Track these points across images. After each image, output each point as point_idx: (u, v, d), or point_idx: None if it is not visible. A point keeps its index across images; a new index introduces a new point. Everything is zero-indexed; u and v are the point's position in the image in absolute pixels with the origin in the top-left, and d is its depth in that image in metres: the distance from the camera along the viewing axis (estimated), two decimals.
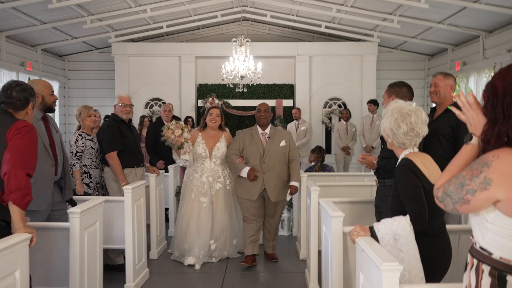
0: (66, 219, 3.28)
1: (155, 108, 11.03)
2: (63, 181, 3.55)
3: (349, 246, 2.78)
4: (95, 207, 3.19)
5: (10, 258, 2.22)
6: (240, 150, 4.83)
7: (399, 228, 2.16)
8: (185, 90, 11.08)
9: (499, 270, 1.44)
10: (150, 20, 9.93)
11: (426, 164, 2.31)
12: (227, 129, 5.27)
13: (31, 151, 2.64)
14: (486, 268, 1.48)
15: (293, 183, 4.75)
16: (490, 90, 1.49)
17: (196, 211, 4.88)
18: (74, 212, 2.90)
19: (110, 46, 10.92)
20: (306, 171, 6.46)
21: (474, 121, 1.59)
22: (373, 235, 2.22)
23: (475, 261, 1.53)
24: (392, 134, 2.34)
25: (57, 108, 3.82)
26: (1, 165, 2.54)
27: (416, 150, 2.38)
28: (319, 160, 6.77)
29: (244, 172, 4.68)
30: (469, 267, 1.56)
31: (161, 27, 10.47)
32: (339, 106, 11.13)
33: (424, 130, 2.35)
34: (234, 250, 5.09)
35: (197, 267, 4.69)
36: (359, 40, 11.04)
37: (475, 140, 1.58)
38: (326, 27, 10.43)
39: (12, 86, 2.90)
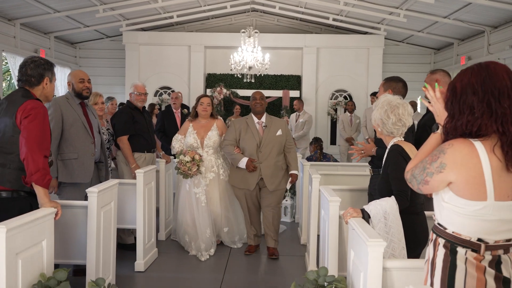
0: None
1: (165, 96, 11.26)
2: (102, 164, 3.92)
3: (344, 229, 3.00)
4: (110, 188, 3.44)
5: (38, 229, 2.49)
6: (236, 140, 4.71)
7: (387, 207, 2.42)
8: (194, 79, 11.30)
9: (452, 243, 1.66)
10: (161, 9, 10.12)
11: (412, 151, 2.58)
12: (219, 117, 5.18)
13: (43, 133, 2.79)
14: (441, 241, 1.70)
15: (293, 171, 4.72)
16: (451, 89, 1.70)
17: (190, 203, 4.84)
18: (92, 191, 3.15)
19: (121, 35, 11.13)
20: (307, 159, 6.71)
21: (441, 112, 1.81)
22: (364, 217, 2.47)
23: (434, 236, 1.76)
24: (382, 124, 2.60)
25: None
26: (20, 149, 2.76)
27: (402, 138, 2.63)
28: (317, 149, 7.07)
29: (243, 163, 4.60)
30: (429, 242, 1.79)
31: (171, 17, 10.65)
32: (345, 98, 11.30)
33: (409, 121, 2.62)
34: (226, 236, 5.04)
35: (202, 258, 4.65)
36: (366, 33, 11.16)
37: (441, 130, 1.81)
38: (334, 19, 10.56)
39: (27, 63, 2.97)
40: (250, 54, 9.27)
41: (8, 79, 13.18)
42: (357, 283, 2.18)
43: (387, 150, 2.64)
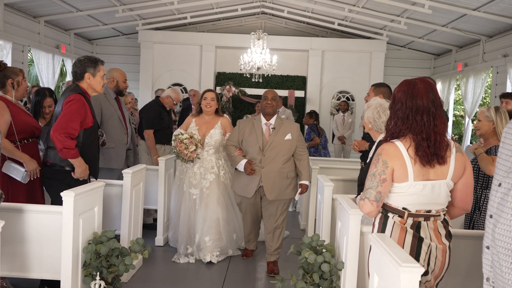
0: None
1: None
2: (130, 151, 4.53)
3: (335, 210, 3.60)
4: (140, 171, 4.07)
5: (92, 198, 3.13)
6: (239, 141, 4.31)
7: None
8: (205, 77, 11.90)
9: (386, 210, 2.28)
10: (176, 11, 10.73)
11: None
12: (225, 115, 4.83)
13: (69, 118, 3.20)
14: (380, 209, 2.32)
15: (303, 181, 4.26)
16: (393, 96, 2.29)
17: (184, 204, 4.62)
18: (127, 172, 3.78)
19: (137, 33, 11.72)
20: (307, 134, 7.68)
21: None
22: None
23: None
24: (373, 121, 3.18)
25: None
26: None
27: None
28: (315, 123, 7.77)
29: (241, 165, 4.20)
30: None
31: (185, 18, 11.26)
32: (348, 99, 11.88)
33: None
34: (235, 246, 4.75)
35: (184, 260, 4.48)
36: (369, 37, 11.72)
37: None
38: (339, 24, 11.11)
39: (75, 62, 3.49)
40: (259, 56, 9.86)
41: (28, 70, 13.80)
42: (342, 245, 2.80)
43: (375, 144, 3.23)
